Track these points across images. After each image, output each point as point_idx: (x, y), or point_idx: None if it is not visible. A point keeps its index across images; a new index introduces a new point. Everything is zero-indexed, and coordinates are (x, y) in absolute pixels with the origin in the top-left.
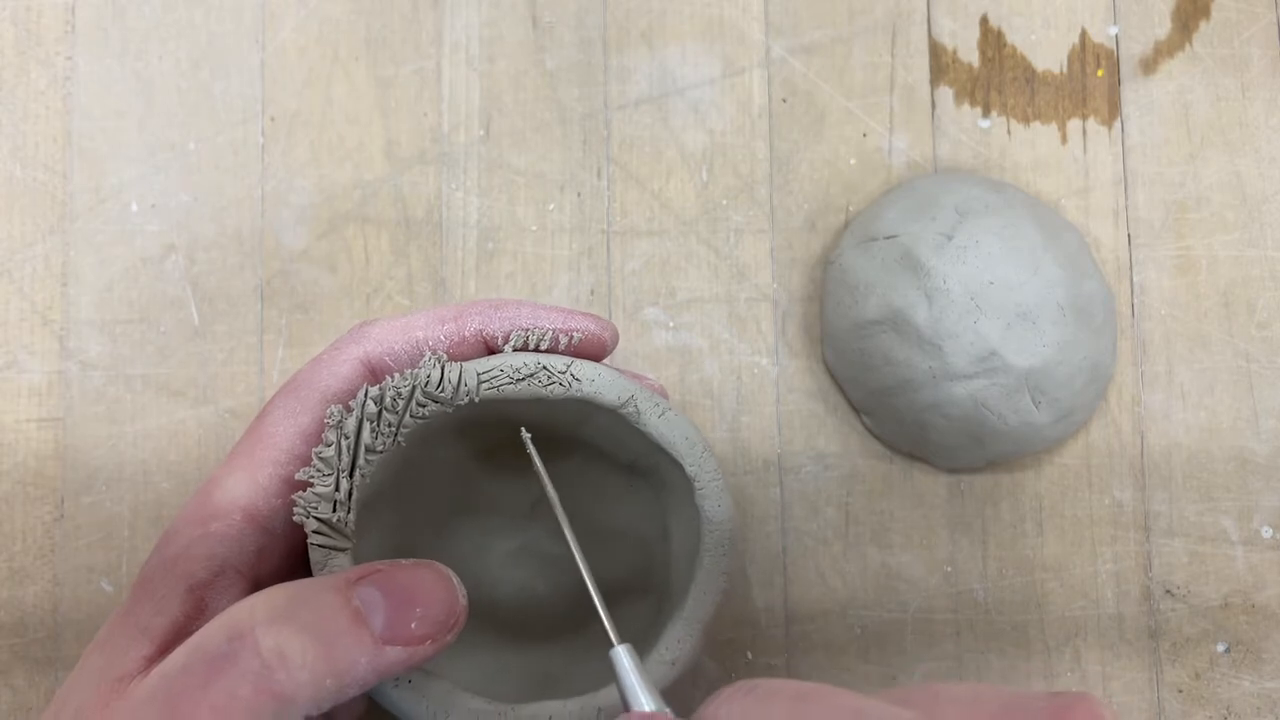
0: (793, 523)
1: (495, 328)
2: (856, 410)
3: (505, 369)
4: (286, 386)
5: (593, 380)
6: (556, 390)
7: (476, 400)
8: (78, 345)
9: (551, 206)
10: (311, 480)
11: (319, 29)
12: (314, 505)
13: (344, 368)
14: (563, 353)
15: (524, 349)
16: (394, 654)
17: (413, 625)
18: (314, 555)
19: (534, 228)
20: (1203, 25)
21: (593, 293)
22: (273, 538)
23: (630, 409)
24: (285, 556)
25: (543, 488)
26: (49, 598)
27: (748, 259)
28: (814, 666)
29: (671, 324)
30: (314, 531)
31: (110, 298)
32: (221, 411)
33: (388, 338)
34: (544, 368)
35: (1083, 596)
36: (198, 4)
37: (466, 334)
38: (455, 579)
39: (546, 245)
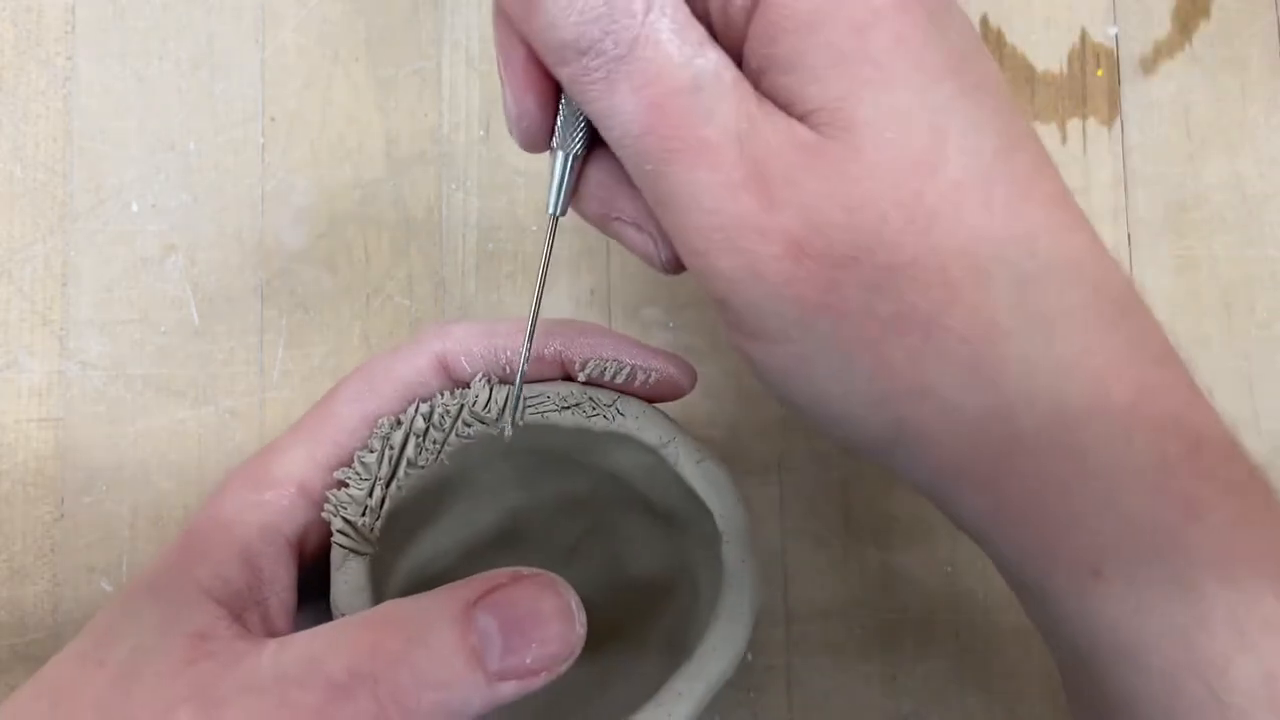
0: (793, 523)
1: (575, 352)
2: None
3: (552, 395)
4: (362, 368)
5: (637, 417)
6: (600, 422)
7: (520, 423)
8: (78, 345)
9: None
10: (348, 481)
11: (319, 29)
12: (344, 505)
13: (420, 359)
14: (637, 390)
15: (599, 379)
16: (506, 689)
17: (528, 660)
18: (334, 554)
19: (534, 228)
20: (1203, 25)
21: (592, 293)
22: (320, 515)
23: (670, 450)
24: (329, 535)
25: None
26: (49, 597)
27: None
28: (814, 667)
29: (671, 324)
30: (338, 531)
31: (110, 298)
32: (221, 411)
33: (467, 338)
34: (590, 398)
35: None
36: (198, 4)
37: (545, 352)
38: (575, 603)
39: None
